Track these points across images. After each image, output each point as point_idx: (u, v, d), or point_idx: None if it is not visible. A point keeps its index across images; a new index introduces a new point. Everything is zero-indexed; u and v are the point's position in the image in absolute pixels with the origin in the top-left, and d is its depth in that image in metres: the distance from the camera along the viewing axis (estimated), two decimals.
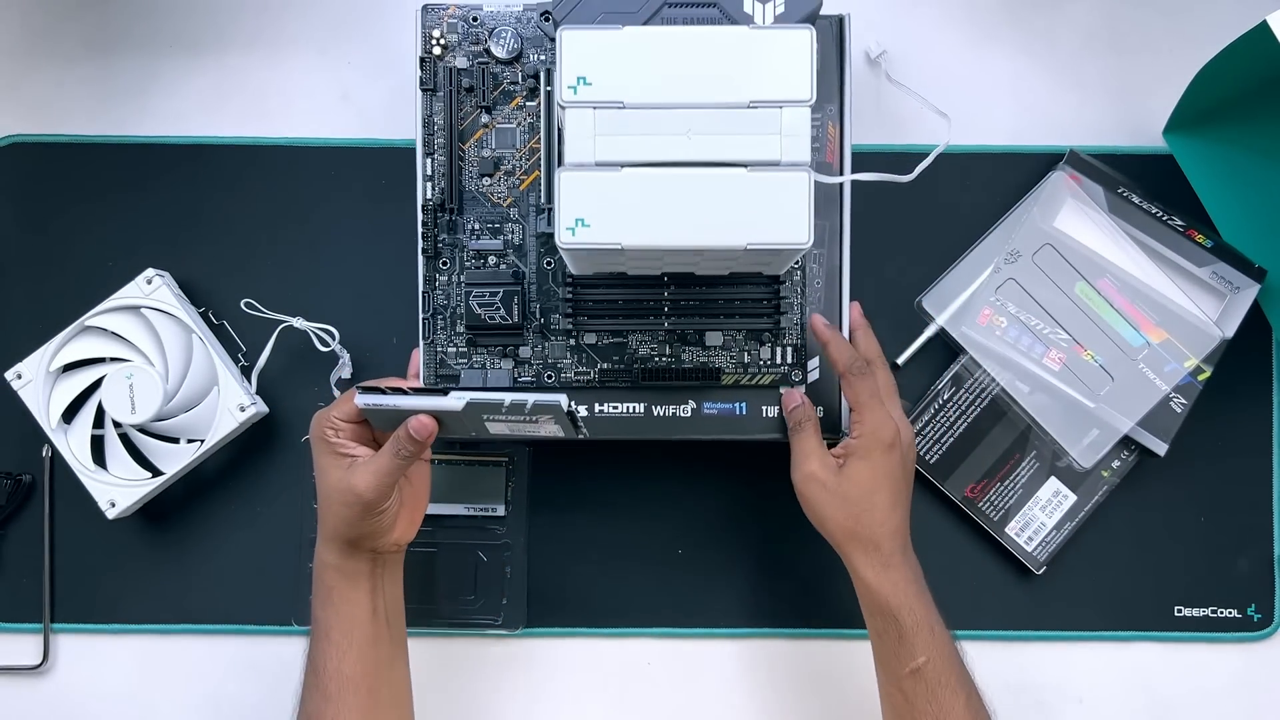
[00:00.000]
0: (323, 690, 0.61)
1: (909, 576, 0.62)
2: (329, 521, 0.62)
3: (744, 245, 0.52)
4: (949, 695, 0.60)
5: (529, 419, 0.58)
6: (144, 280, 0.73)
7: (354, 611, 0.62)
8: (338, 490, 0.61)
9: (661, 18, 0.54)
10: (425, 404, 0.59)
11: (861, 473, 0.62)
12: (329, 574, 0.63)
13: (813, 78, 0.52)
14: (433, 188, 0.67)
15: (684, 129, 0.52)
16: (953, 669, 0.61)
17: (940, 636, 0.62)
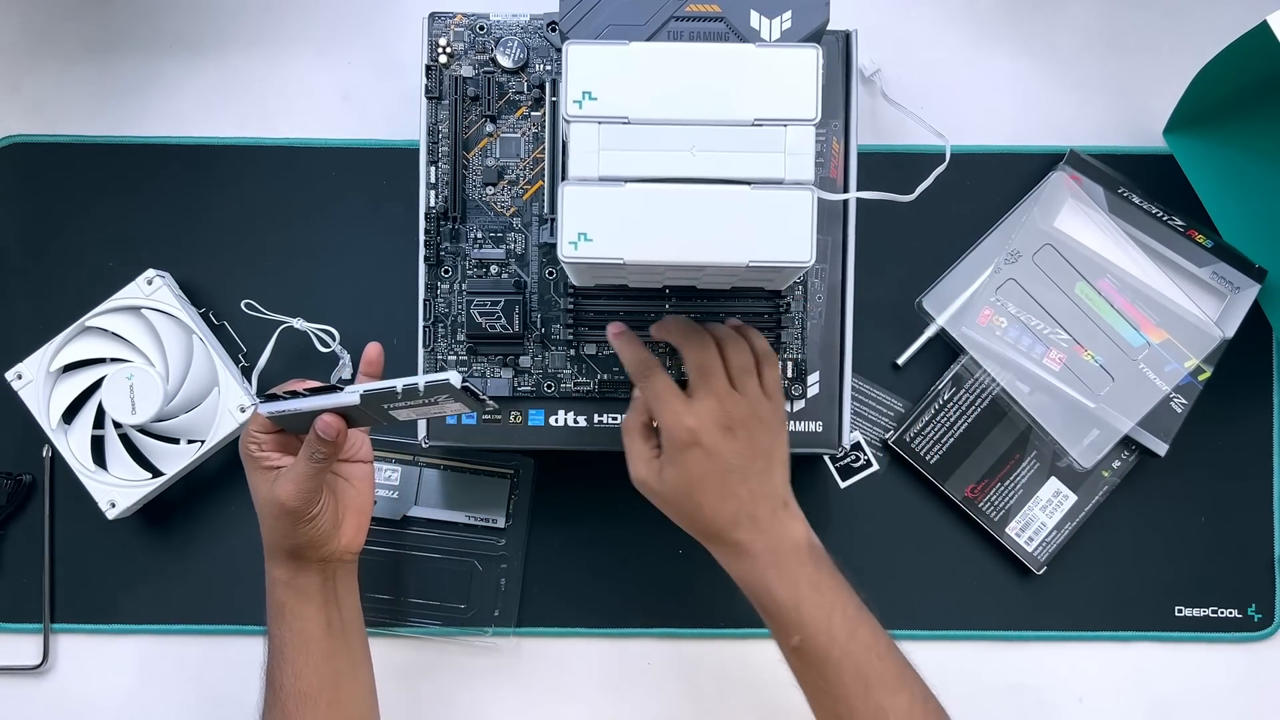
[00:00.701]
0: (281, 708, 0.61)
1: (763, 561, 0.59)
2: (268, 537, 0.62)
3: (746, 262, 0.52)
4: (831, 669, 0.58)
5: (429, 401, 0.57)
6: (144, 281, 0.73)
7: (306, 627, 0.62)
8: (266, 503, 0.60)
9: (668, 31, 0.54)
10: (323, 403, 0.59)
11: (673, 477, 0.60)
12: (279, 590, 0.62)
13: (818, 97, 0.52)
14: (436, 196, 0.67)
15: (688, 145, 0.52)
16: (833, 643, 0.58)
17: (812, 613, 0.58)
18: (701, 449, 0.59)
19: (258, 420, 0.62)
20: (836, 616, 0.58)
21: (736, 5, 0.54)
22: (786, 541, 0.60)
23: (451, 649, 0.76)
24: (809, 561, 0.60)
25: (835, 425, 0.68)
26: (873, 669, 0.58)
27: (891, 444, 0.76)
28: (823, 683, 0.59)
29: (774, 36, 0.54)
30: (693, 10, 0.54)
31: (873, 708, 0.57)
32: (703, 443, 0.59)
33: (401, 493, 0.75)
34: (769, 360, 0.62)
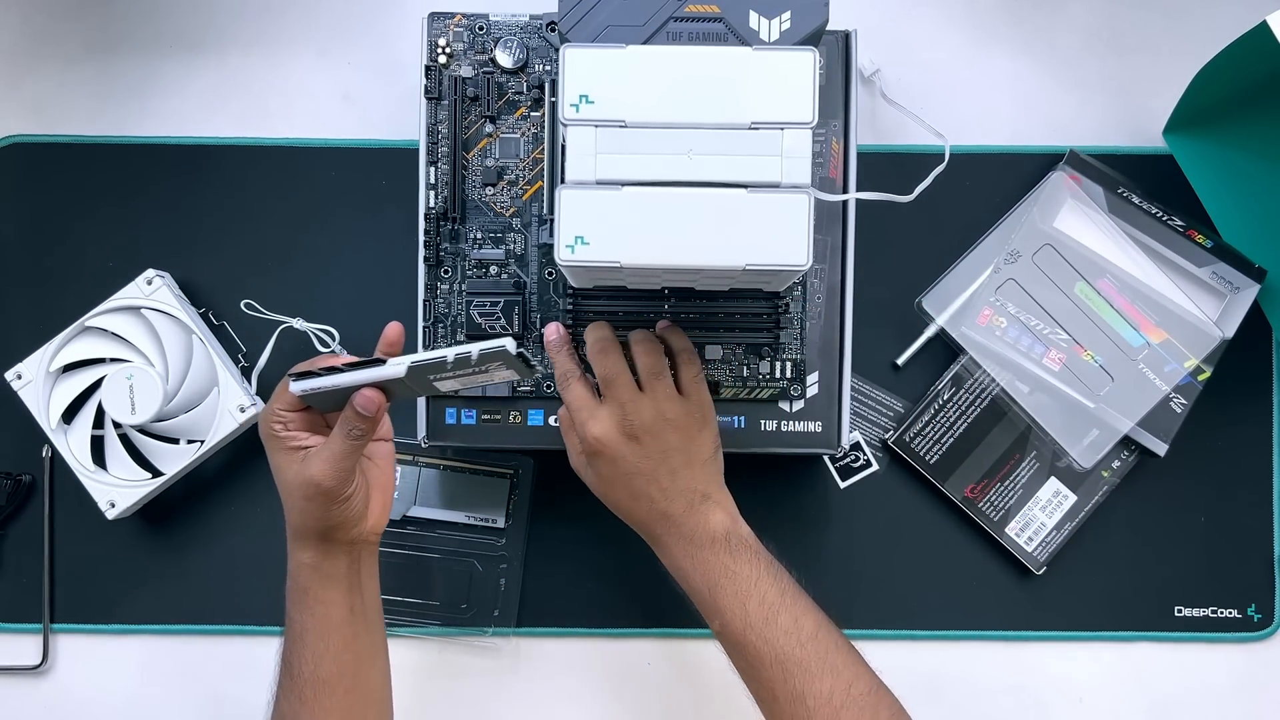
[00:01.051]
0: (298, 694, 0.61)
1: (677, 553, 0.62)
2: (296, 519, 0.60)
3: (743, 266, 0.52)
4: (751, 654, 0.59)
5: (478, 370, 0.56)
6: (144, 281, 0.73)
7: (330, 612, 0.61)
8: (297, 484, 0.59)
9: (667, 31, 0.54)
10: (365, 376, 0.57)
11: (592, 477, 0.64)
12: (304, 574, 0.61)
13: (815, 100, 0.52)
14: (436, 196, 0.67)
15: (685, 149, 0.52)
16: (748, 627, 0.59)
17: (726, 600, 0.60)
18: (606, 456, 0.61)
19: (285, 398, 0.60)
20: (752, 603, 0.60)
21: (735, 6, 0.54)
22: (702, 533, 0.61)
23: (451, 649, 0.76)
24: (724, 551, 0.61)
25: (835, 425, 0.68)
26: (790, 655, 0.59)
27: (891, 444, 0.76)
28: (745, 666, 0.60)
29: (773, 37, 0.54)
30: (692, 11, 0.54)
31: (791, 692, 0.58)
32: (606, 451, 0.61)
33: (401, 493, 0.75)
34: (685, 357, 0.63)
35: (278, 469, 0.61)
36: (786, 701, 0.58)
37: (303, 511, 0.60)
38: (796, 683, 0.58)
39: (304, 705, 0.61)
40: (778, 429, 0.69)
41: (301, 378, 0.59)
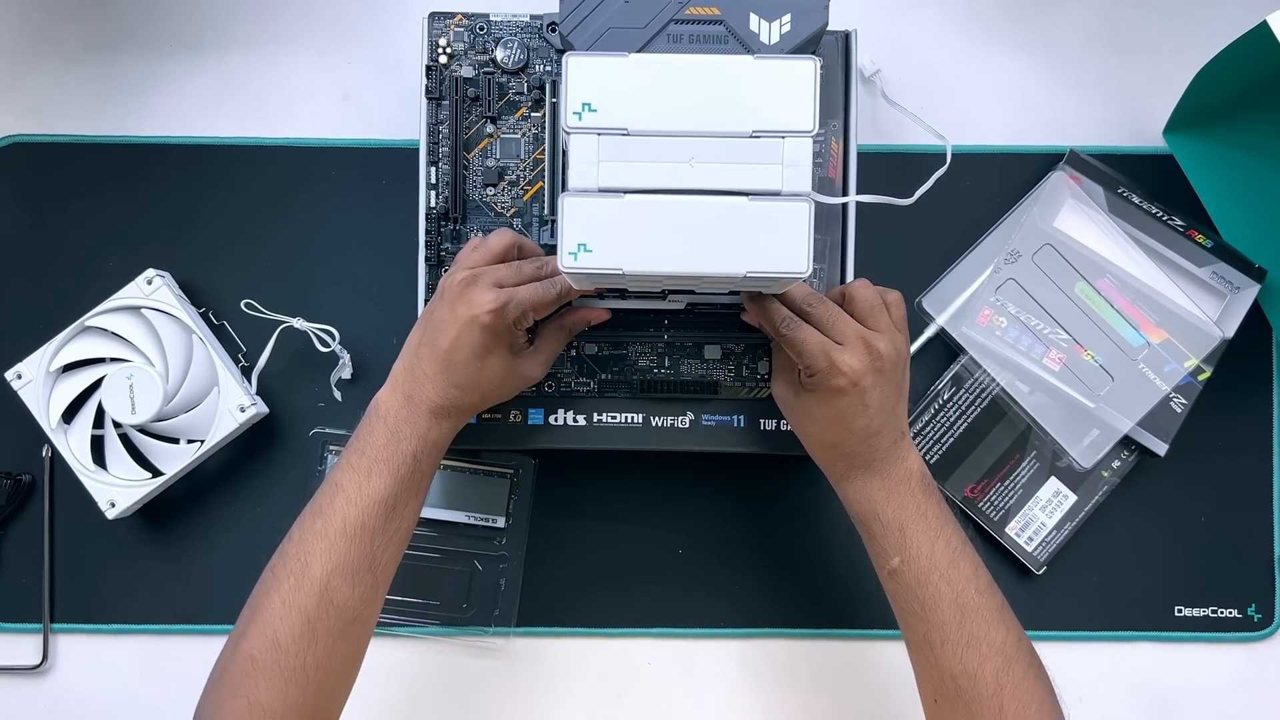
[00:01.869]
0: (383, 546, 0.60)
1: (872, 485, 0.61)
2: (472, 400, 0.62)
3: (743, 273, 0.52)
4: (929, 594, 0.60)
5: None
6: (144, 280, 0.73)
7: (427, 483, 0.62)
8: (513, 375, 0.62)
9: (668, 34, 0.54)
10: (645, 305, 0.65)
11: (809, 408, 0.62)
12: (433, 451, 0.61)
13: (816, 109, 0.52)
14: (436, 196, 0.67)
15: (687, 157, 0.53)
16: (933, 568, 0.60)
17: (916, 538, 0.60)
18: (854, 393, 0.60)
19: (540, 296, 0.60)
20: (940, 545, 0.60)
21: (736, 8, 0.54)
22: (900, 468, 0.61)
23: (451, 649, 0.76)
24: (919, 490, 0.61)
25: None
26: (969, 600, 0.59)
27: None
28: (918, 606, 0.60)
29: (773, 40, 0.54)
30: (692, 13, 0.54)
31: (966, 636, 0.59)
32: (858, 383, 0.59)
33: None
34: (894, 296, 0.64)
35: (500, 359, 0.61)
36: (958, 645, 0.59)
37: (502, 395, 0.63)
38: (973, 627, 0.59)
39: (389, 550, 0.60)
40: (777, 428, 0.69)
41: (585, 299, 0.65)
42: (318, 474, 0.75)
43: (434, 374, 0.61)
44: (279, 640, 0.57)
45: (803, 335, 0.60)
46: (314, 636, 0.57)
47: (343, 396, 0.75)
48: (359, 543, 0.59)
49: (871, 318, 0.62)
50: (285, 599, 0.58)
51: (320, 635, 0.57)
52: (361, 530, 0.59)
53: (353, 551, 0.59)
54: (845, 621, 0.76)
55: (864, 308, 0.62)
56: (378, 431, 0.61)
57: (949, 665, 0.59)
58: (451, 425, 0.62)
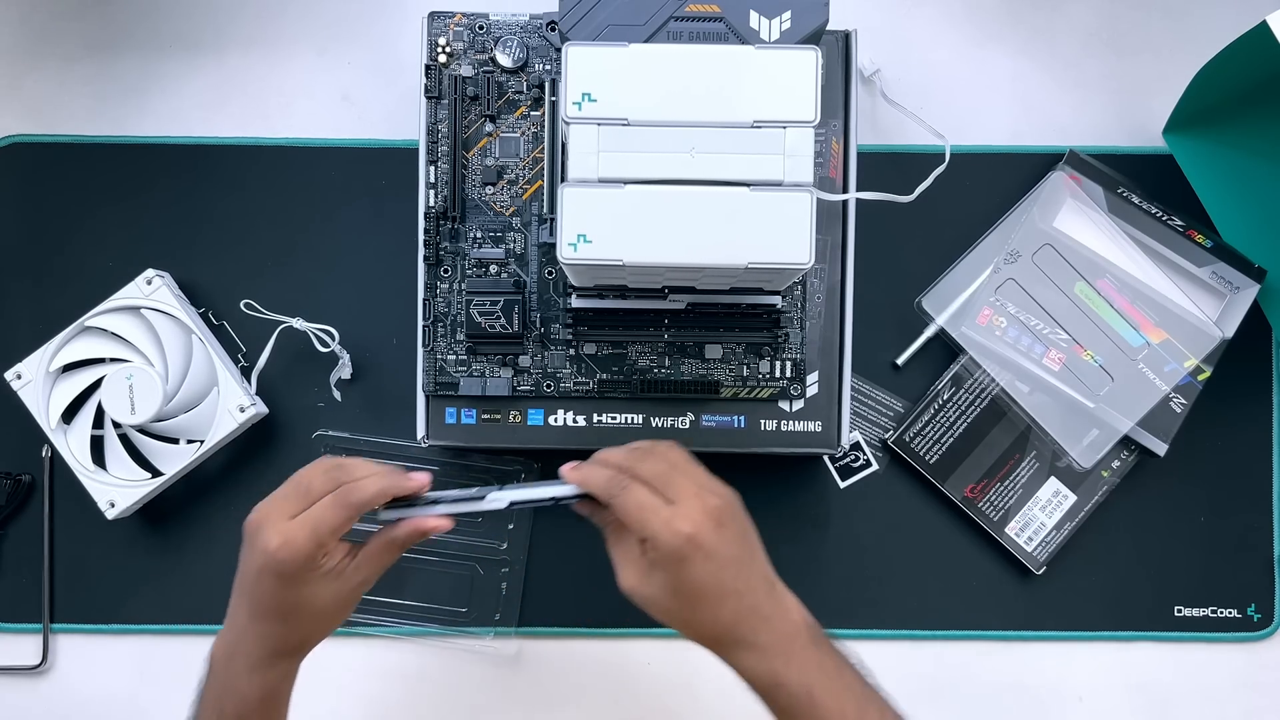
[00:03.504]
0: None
1: (771, 651, 0.55)
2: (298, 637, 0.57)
3: (745, 264, 0.52)
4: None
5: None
6: (144, 281, 0.73)
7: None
8: (338, 603, 0.57)
9: (668, 31, 0.54)
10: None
11: (664, 584, 0.54)
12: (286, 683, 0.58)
13: (817, 99, 0.52)
14: (435, 195, 0.67)
15: (687, 147, 0.52)
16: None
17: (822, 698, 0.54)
18: (701, 551, 0.53)
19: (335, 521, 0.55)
20: (849, 700, 0.55)
21: (736, 6, 0.54)
22: (788, 625, 0.56)
23: (451, 650, 0.76)
24: (811, 644, 0.56)
25: (835, 425, 0.68)
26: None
27: (891, 444, 0.76)
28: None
29: (773, 37, 0.54)
30: (692, 10, 0.54)
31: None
32: (702, 544, 0.53)
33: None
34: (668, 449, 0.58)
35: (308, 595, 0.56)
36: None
37: (330, 624, 0.58)
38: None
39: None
40: (778, 428, 0.69)
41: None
42: None
43: (247, 625, 0.57)
44: None
45: (637, 498, 0.54)
46: None
47: (342, 396, 0.75)
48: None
49: (688, 472, 0.56)
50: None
51: None
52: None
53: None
54: (845, 621, 0.76)
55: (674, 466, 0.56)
56: (210, 689, 0.58)
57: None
58: (282, 671, 0.58)
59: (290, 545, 0.54)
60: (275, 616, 0.56)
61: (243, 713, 0.57)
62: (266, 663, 0.57)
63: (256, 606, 0.56)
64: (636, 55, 0.52)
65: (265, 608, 0.56)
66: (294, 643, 0.58)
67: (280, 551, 0.54)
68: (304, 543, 0.54)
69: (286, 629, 0.57)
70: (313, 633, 0.58)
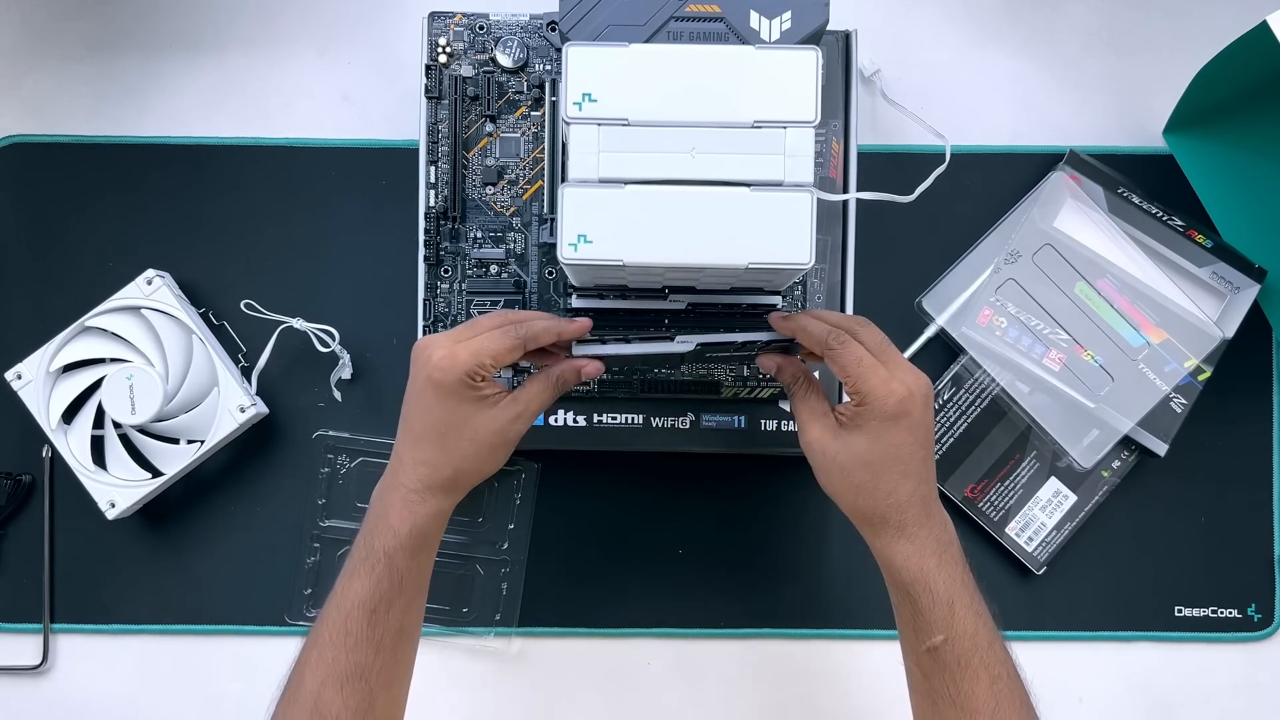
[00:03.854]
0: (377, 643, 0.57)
1: (926, 549, 0.56)
2: (464, 467, 0.58)
3: (745, 264, 0.52)
4: (968, 679, 0.55)
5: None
6: (144, 281, 0.73)
7: (431, 560, 0.60)
8: (489, 434, 0.57)
9: (668, 31, 0.54)
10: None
11: (859, 445, 0.56)
12: (436, 523, 0.58)
13: (818, 99, 0.52)
14: (436, 195, 0.67)
15: (688, 147, 0.52)
16: (975, 650, 0.55)
17: (963, 614, 0.55)
18: (910, 419, 0.55)
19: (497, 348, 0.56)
20: (983, 624, 0.56)
21: (736, 6, 0.54)
22: (945, 531, 0.57)
23: (451, 650, 0.76)
24: (960, 557, 0.57)
25: None
26: (1003, 690, 0.55)
27: None
28: (953, 690, 0.55)
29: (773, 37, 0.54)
30: (693, 10, 0.54)
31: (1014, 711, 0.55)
32: (913, 412, 0.55)
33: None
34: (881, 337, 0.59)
35: (462, 417, 0.57)
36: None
37: (482, 460, 0.58)
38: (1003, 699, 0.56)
39: (381, 654, 0.57)
40: (778, 429, 0.69)
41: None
42: (320, 476, 0.75)
43: (405, 454, 0.58)
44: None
45: (857, 352, 0.55)
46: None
47: (343, 397, 0.75)
48: (345, 650, 0.56)
49: (886, 356, 0.57)
50: (284, 713, 0.57)
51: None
52: (345, 637, 0.56)
53: (340, 661, 0.56)
54: (845, 621, 0.76)
55: (878, 348, 0.57)
56: (365, 527, 0.59)
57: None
58: (433, 508, 0.58)
59: (451, 358, 0.55)
60: (429, 439, 0.57)
61: (391, 549, 0.57)
62: (419, 496, 0.58)
63: (412, 430, 0.58)
64: (637, 55, 0.52)
65: (420, 429, 0.57)
66: (447, 474, 0.58)
67: (442, 362, 0.55)
68: (465, 358, 0.55)
69: (440, 454, 0.57)
70: (464, 466, 0.58)
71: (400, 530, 0.57)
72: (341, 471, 0.76)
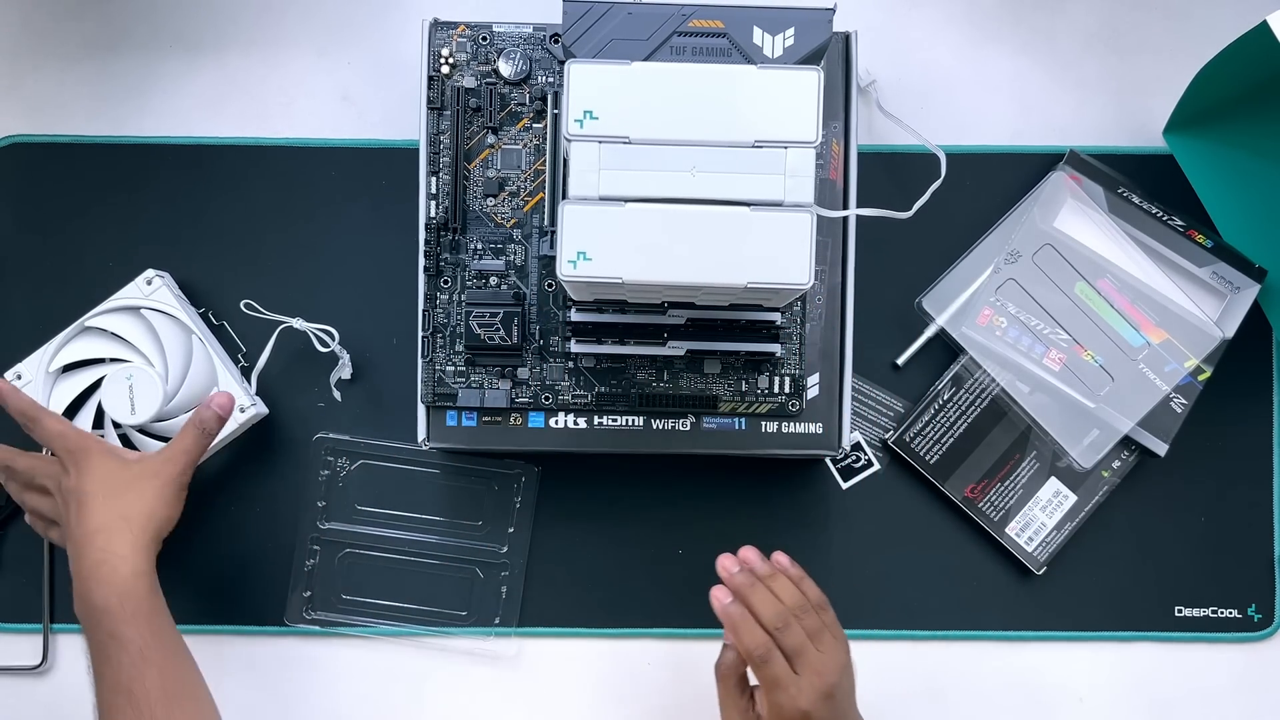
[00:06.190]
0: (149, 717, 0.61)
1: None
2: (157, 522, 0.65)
3: (744, 284, 0.52)
4: None
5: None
6: (144, 281, 0.73)
7: (167, 620, 0.64)
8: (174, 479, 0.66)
9: (671, 46, 0.54)
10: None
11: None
12: (146, 583, 0.63)
13: (819, 119, 0.52)
14: (437, 206, 0.67)
15: (688, 166, 0.52)
16: None
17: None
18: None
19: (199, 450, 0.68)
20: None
21: (739, 22, 0.54)
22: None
23: (451, 652, 0.76)
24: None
25: (835, 426, 0.68)
26: None
27: (891, 444, 0.76)
28: None
29: (776, 53, 0.54)
30: (696, 26, 0.54)
31: None
32: (812, 718, 0.61)
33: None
34: (824, 607, 0.66)
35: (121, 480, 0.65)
36: None
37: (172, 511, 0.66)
38: None
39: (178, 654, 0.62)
40: (778, 430, 0.69)
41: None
42: (319, 479, 0.75)
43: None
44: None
45: (775, 672, 0.61)
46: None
47: (343, 396, 0.75)
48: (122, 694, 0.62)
49: (817, 640, 0.63)
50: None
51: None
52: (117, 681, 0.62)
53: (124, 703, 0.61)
54: (845, 621, 0.76)
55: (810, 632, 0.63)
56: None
57: None
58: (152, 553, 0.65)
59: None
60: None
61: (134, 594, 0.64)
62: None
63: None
64: (638, 73, 0.52)
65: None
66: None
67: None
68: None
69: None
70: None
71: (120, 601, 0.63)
72: (341, 474, 0.76)
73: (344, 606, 0.75)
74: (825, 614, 0.66)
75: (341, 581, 0.75)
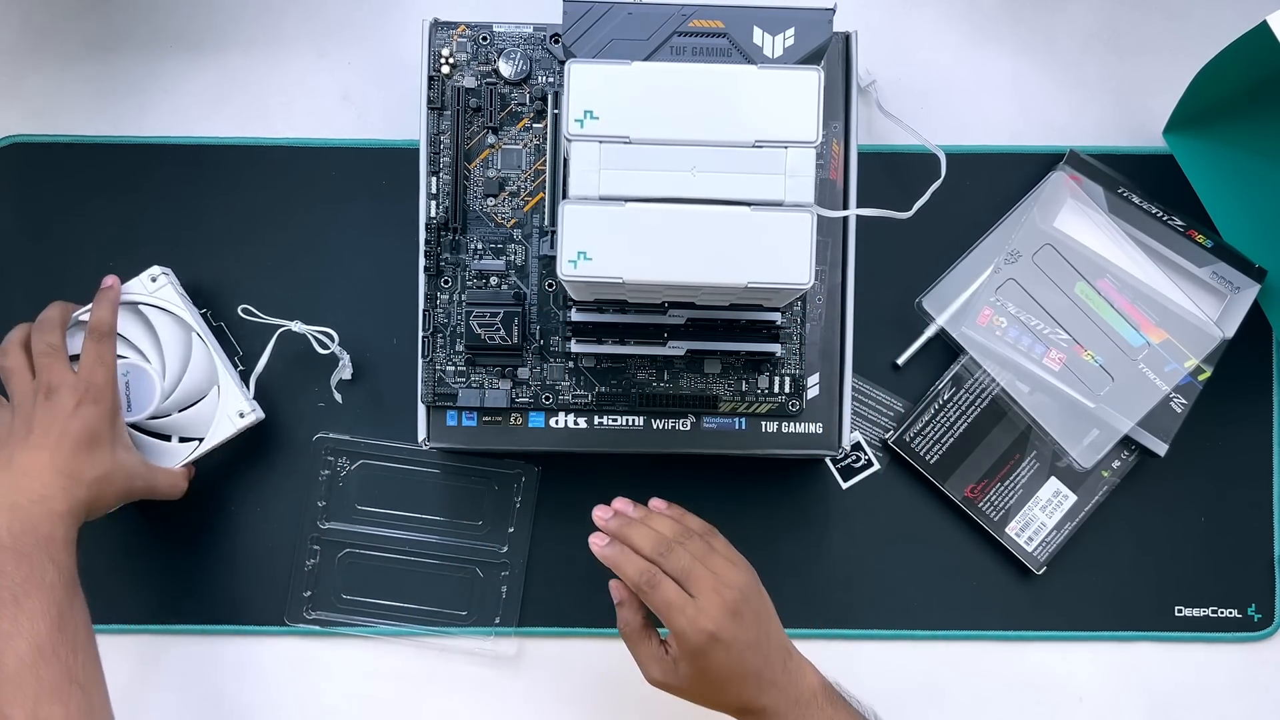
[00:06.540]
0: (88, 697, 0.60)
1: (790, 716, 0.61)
2: (116, 499, 0.67)
3: (744, 284, 0.52)
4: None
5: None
6: (148, 277, 0.73)
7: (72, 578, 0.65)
8: (142, 467, 0.69)
9: (671, 46, 0.54)
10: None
11: (691, 674, 0.61)
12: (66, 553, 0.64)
13: (819, 119, 0.52)
14: (437, 206, 0.67)
15: (689, 166, 0.52)
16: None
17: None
18: (720, 644, 0.60)
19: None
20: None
21: (739, 22, 0.54)
22: (804, 691, 0.62)
23: (450, 652, 0.76)
24: (827, 705, 0.62)
25: (835, 426, 0.68)
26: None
27: (891, 444, 0.76)
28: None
29: (776, 53, 0.54)
30: (696, 26, 0.54)
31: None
32: (721, 638, 0.59)
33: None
34: (712, 533, 0.65)
35: (132, 459, 0.69)
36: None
37: (130, 494, 0.68)
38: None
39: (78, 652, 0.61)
40: (779, 430, 0.69)
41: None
42: (320, 479, 0.75)
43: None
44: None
45: (667, 595, 0.60)
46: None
47: (343, 397, 0.75)
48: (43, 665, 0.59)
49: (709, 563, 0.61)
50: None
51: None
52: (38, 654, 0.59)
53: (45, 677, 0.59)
54: (845, 621, 0.76)
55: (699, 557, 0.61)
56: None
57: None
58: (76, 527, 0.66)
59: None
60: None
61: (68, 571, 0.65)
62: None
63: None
64: (639, 73, 0.52)
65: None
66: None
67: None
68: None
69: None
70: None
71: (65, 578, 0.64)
72: (341, 474, 0.76)
73: (344, 606, 0.76)
74: (714, 539, 0.64)
75: (342, 581, 0.76)
